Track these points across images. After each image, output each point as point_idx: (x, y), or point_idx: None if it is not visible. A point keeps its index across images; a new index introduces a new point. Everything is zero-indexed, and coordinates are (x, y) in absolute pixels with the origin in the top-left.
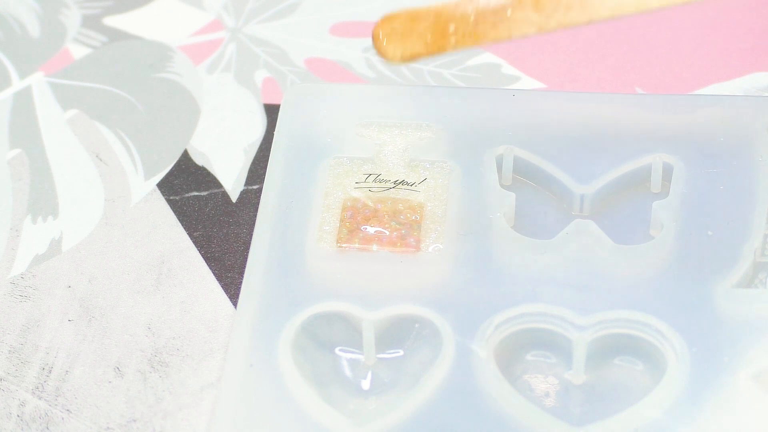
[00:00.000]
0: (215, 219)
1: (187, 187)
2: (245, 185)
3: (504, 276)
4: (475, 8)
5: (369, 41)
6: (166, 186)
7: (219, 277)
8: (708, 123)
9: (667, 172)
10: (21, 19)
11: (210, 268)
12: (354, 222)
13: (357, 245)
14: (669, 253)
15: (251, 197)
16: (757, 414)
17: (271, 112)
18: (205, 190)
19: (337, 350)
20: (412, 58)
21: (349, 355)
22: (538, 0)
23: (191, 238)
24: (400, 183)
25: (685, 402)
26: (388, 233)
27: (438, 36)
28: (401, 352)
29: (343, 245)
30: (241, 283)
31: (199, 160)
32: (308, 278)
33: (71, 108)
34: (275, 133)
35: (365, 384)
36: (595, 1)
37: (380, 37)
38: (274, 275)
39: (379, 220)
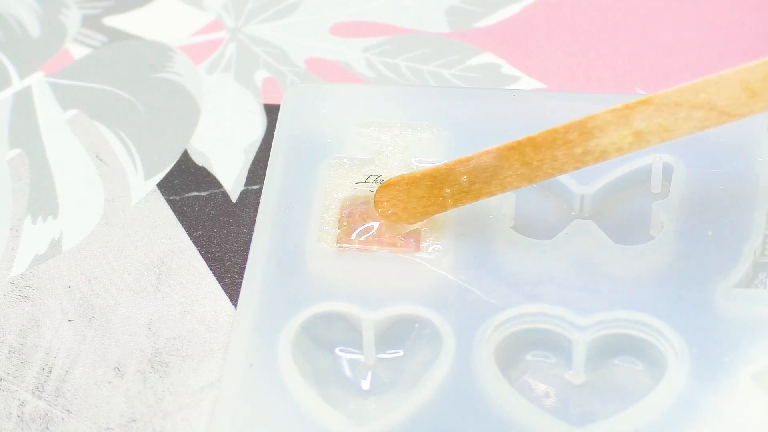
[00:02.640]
0: (215, 219)
1: (187, 187)
2: (245, 185)
3: (504, 276)
4: (467, 170)
5: (369, 41)
6: (166, 186)
7: (219, 277)
8: None
9: (667, 172)
10: (21, 19)
11: (210, 268)
12: (353, 222)
13: (357, 245)
14: (669, 253)
15: (251, 197)
16: (757, 414)
17: (271, 112)
18: (205, 190)
19: (337, 350)
20: (415, 220)
21: (349, 355)
22: (525, 155)
23: (191, 238)
24: None
25: (685, 402)
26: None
27: (435, 199)
28: (401, 352)
29: (343, 245)
30: (241, 283)
31: (199, 160)
32: (308, 278)
33: (71, 108)
34: (275, 133)
35: (365, 384)
36: (578, 151)
37: (383, 204)
38: (274, 275)
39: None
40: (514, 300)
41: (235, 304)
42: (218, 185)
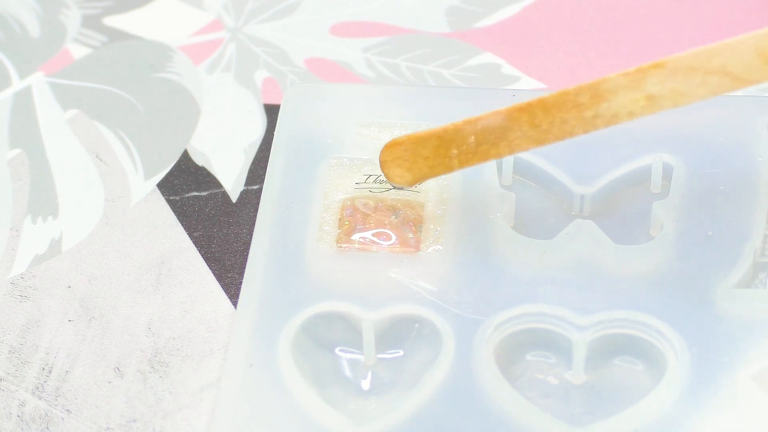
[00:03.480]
0: (215, 219)
1: (187, 187)
2: (245, 185)
3: (504, 276)
4: (474, 130)
5: (369, 41)
6: (166, 186)
7: (219, 277)
8: (708, 123)
9: (667, 172)
10: (21, 19)
11: (210, 268)
12: (354, 222)
13: (357, 245)
14: (669, 253)
15: (251, 197)
16: (757, 414)
17: (271, 112)
18: (205, 190)
19: (337, 350)
20: (419, 181)
21: (349, 355)
22: (534, 117)
23: (191, 238)
24: None
25: (685, 402)
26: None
27: (441, 159)
28: (401, 352)
29: (343, 245)
30: (241, 283)
31: (199, 160)
32: (308, 278)
33: (71, 108)
34: (275, 133)
35: (365, 384)
36: (589, 114)
37: (387, 163)
38: (274, 275)
39: (378, 220)
40: (514, 300)
41: (235, 304)
42: (218, 185)
